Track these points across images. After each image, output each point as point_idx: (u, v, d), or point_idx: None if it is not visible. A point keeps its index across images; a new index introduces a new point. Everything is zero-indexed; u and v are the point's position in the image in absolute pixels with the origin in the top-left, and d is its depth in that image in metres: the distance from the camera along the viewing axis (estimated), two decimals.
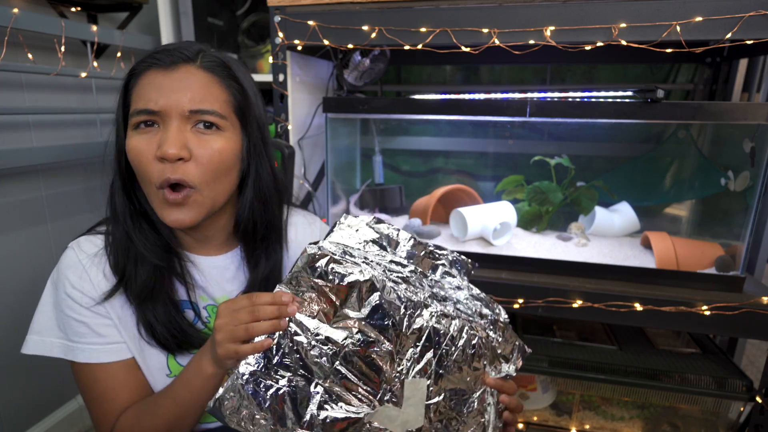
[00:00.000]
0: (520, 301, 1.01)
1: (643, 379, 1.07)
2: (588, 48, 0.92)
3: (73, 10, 1.42)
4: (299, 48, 1.08)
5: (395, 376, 0.57)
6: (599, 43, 0.91)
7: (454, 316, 0.60)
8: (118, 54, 1.41)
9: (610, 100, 1.00)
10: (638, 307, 0.95)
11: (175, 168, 0.59)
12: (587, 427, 1.16)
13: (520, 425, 1.19)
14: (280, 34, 1.05)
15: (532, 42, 0.93)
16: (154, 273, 0.65)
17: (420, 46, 0.98)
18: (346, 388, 0.54)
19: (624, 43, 0.89)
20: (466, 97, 1.09)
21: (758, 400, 0.98)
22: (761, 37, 0.84)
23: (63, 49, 1.21)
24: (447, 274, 0.71)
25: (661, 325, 0.96)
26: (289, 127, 1.13)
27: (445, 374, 0.60)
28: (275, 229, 0.73)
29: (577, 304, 0.98)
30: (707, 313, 0.92)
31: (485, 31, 0.94)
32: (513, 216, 1.21)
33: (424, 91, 1.61)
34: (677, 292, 0.96)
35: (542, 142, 1.37)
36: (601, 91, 1.14)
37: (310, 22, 1.02)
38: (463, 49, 0.97)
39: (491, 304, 0.70)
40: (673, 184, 1.27)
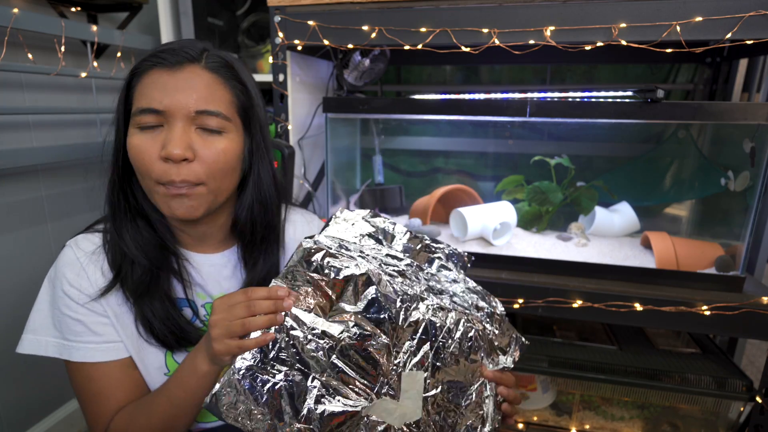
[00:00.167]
0: (520, 301, 1.01)
1: (643, 379, 1.07)
2: (588, 48, 0.92)
3: (73, 10, 1.42)
4: (299, 48, 1.08)
5: (392, 369, 0.57)
6: (599, 43, 0.91)
7: (450, 309, 0.60)
8: (118, 54, 1.41)
9: (610, 100, 1.00)
10: (638, 307, 0.95)
11: (180, 169, 0.59)
12: (587, 427, 1.16)
13: (520, 425, 1.19)
14: (280, 34, 1.05)
15: (532, 42, 0.93)
16: (149, 270, 0.65)
17: (420, 46, 0.98)
18: (343, 382, 0.54)
19: (624, 43, 0.89)
20: (466, 97, 1.09)
21: (758, 400, 0.98)
22: (761, 37, 0.84)
23: (63, 49, 1.21)
24: (443, 268, 0.71)
25: (661, 325, 0.96)
26: (289, 127, 1.13)
27: (443, 367, 0.60)
28: (273, 230, 0.73)
29: (577, 304, 0.98)
30: (707, 313, 0.92)
31: (485, 31, 0.94)
32: (513, 216, 1.21)
33: (424, 91, 1.61)
34: (677, 292, 0.96)
35: (542, 142, 1.37)
36: (601, 91, 1.14)
37: (310, 22, 1.02)
38: (463, 49, 0.97)
39: (487, 297, 0.70)
40: (673, 184, 1.27)
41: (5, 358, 1.29)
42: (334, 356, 0.54)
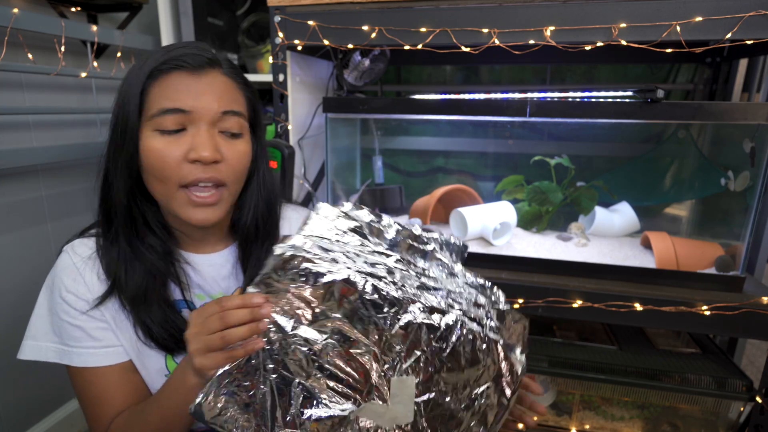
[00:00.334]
0: (520, 301, 1.01)
1: (643, 379, 1.07)
2: (588, 48, 0.92)
3: (73, 10, 1.43)
4: (299, 48, 1.08)
5: (381, 375, 0.55)
6: (599, 43, 0.91)
7: (445, 310, 0.57)
8: (118, 54, 1.41)
9: (610, 100, 1.00)
10: (638, 307, 0.95)
11: (206, 169, 0.61)
12: (587, 427, 1.16)
13: (520, 425, 1.19)
14: (280, 34, 1.05)
15: (532, 42, 0.93)
16: (146, 276, 0.64)
17: (420, 46, 0.98)
18: (329, 387, 0.53)
19: (624, 43, 0.89)
20: (466, 97, 1.09)
21: (758, 400, 0.98)
22: (761, 37, 0.84)
23: (63, 49, 1.21)
24: (437, 261, 0.66)
25: (661, 325, 0.96)
26: (289, 127, 1.13)
27: (437, 372, 0.57)
28: (274, 228, 0.74)
29: (577, 304, 0.98)
30: (707, 313, 0.92)
31: (485, 31, 0.94)
32: (513, 216, 1.21)
33: (424, 91, 1.61)
34: (677, 292, 0.96)
35: (542, 142, 1.37)
36: (601, 91, 1.14)
37: (310, 22, 1.02)
38: (463, 49, 0.97)
39: (488, 290, 0.66)
40: (673, 184, 1.27)
41: (5, 359, 1.29)
42: (319, 363, 0.52)
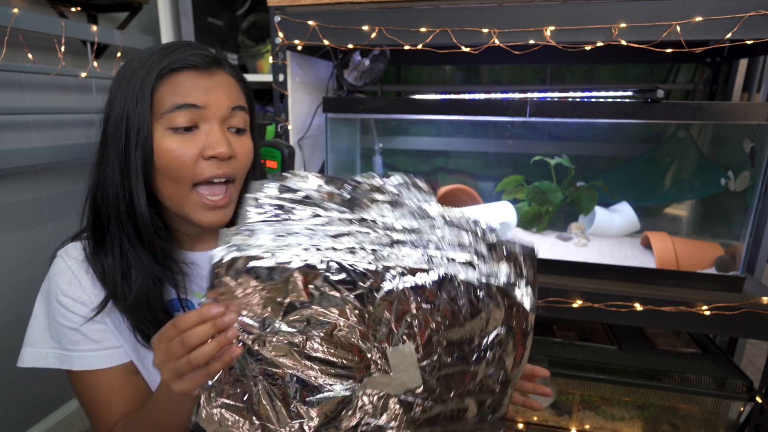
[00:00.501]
0: None
1: (643, 379, 1.07)
2: (588, 48, 0.92)
3: (73, 10, 1.43)
4: (299, 48, 1.08)
5: (375, 349, 0.51)
6: (599, 43, 0.91)
7: (428, 268, 0.51)
8: (118, 54, 1.41)
9: (610, 100, 1.00)
10: (638, 307, 0.95)
11: (221, 165, 0.62)
12: (587, 427, 1.16)
13: (520, 425, 1.19)
14: (280, 34, 1.05)
15: (532, 42, 0.93)
16: (145, 283, 0.63)
17: (420, 46, 0.98)
18: (324, 373, 0.51)
19: (624, 43, 0.89)
20: (466, 97, 1.09)
21: (758, 400, 0.98)
22: (761, 37, 0.84)
23: (63, 49, 1.21)
24: (407, 207, 0.58)
25: (661, 325, 0.96)
26: (289, 127, 1.13)
27: (436, 332, 0.53)
28: None
29: (577, 304, 0.98)
30: (707, 313, 0.92)
31: (485, 31, 0.94)
32: (513, 216, 1.21)
33: (424, 91, 1.61)
34: (677, 292, 0.96)
35: (542, 142, 1.37)
36: (601, 91, 1.14)
37: (310, 22, 1.02)
38: (463, 49, 0.97)
39: (473, 224, 0.58)
40: (673, 184, 1.27)
41: (5, 358, 1.29)
42: (304, 353, 0.50)
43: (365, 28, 1.00)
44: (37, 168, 1.35)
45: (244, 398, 0.50)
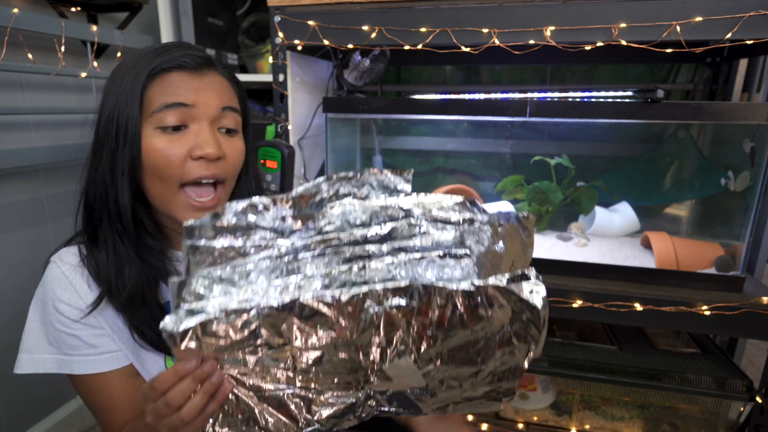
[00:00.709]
0: None
1: (643, 379, 1.07)
2: (588, 48, 0.92)
3: (73, 10, 1.42)
4: (299, 48, 1.08)
5: (371, 368, 0.49)
6: (599, 43, 0.91)
7: (408, 285, 0.45)
8: (118, 54, 1.41)
9: (610, 100, 1.00)
10: (638, 307, 0.95)
11: (209, 166, 0.62)
12: (587, 427, 1.16)
13: (520, 425, 1.19)
14: (280, 34, 1.05)
15: (532, 42, 0.93)
16: (139, 279, 0.64)
17: (420, 46, 0.98)
18: (321, 392, 0.50)
19: (624, 43, 0.89)
20: (466, 97, 1.09)
21: (758, 400, 0.98)
22: (761, 37, 0.84)
23: (63, 49, 1.21)
24: (373, 209, 0.49)
25: (661, 325, 0.95)
26: (289, 127, 1.13)
27: (434, 342, 0.49)
28: None
29: (577, 304, 0.98)
30: (707, 313, 0.92)
31: (485, 31, 0.94)
32: None
33: (424, 91, 1.60)
34: (677, 292, 0.96)
35: (542, 142, 1.37)
36: (601, 91, 1.14)
37: (310, 22, 1.02)
38: (463, 49, 0.97)
39: (462, 209, 0.50)
40: (673, 184, 1.27)
41: (5, 358, 1.29)
42: (298, 379, 0.48)
43: (365, 28, 1.00)
44: (36, 168, 1.35)
45: (249, 423, 0.49)
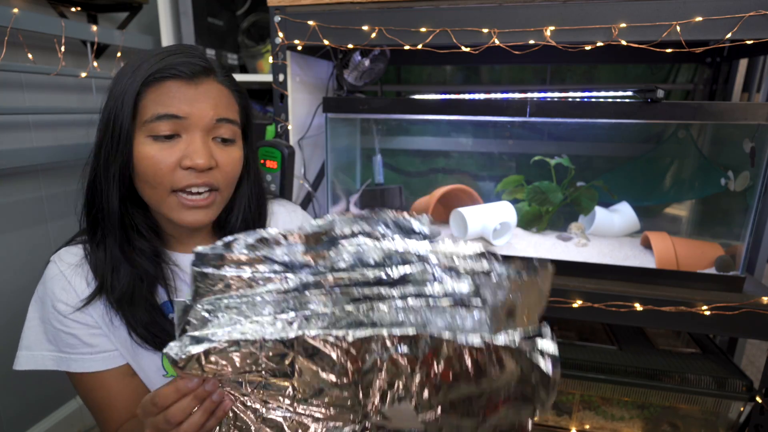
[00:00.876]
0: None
1: (643, 379, 1.07)
2: (588, 48, 0.92)
3: (73, 10, 1.42)
4: (299, 48, 1.08)
5: (368, 405, 0.49)
6: (599, 43, 0.91)
7: (416, 334, 0.44)
8: (118, 54, 1.41)
9: (610, 100, 1.00)
10: (638, 307, 0.95)
11: (200, 175, 0.61)
12: (587, 427, 1.16)
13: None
14: (280, 34, 1.05)
15: (532, 42, 0.93)
16: (133, 277, 0.64)
17: (420, 46, 0.98)
18: (319, 420, 0.50)
19: (624, 43, 0.89)
20: (466, 97, 1.09)
21: (758, 400, 0.98)
22: (761, 37, 0.84)
23: (63, 49, 1.21)
24: (390, 251, 0.49)
25: (661, 325, 0.96)
26: (289, 127, 1.13)
27: (435, 394, 0.48)
28: (262, 227, 0.75)
29: (577, 304, 0.98)
30: (707, 313, 0.92)
31: (485, 31, 0.94)
32: (513, 216, 1.21)
33: (424, 91, 1.60)
34: (677, 292, 0.96)
35: (542, 142, 1.37)
36: (601, 91, 1.14)
37: (310, 22, 1.02)
38: (463, 49, 0.97)
39: (477, 259, 0.50)
40: (673, 184, 1.27)
41: (5, 358, 1.29)
42: (296, 407, 0.48)
43: (365, 28, 1.00)
44: (37, 168, 1.35)
45: None
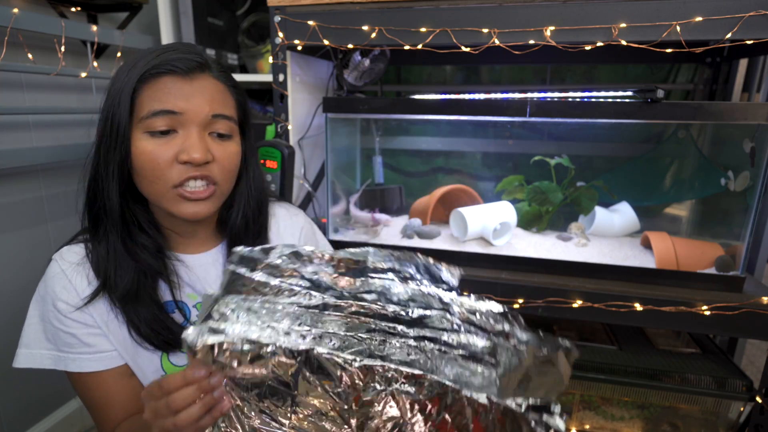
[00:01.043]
0: (520, 301, 1.01)
1: (643, 379, 1.07)
2: (588, 48, 0.92)
3: (73, 10, 1.42)
4: (299, 48, 1.08)
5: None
6: (599, 43, 0.91)
7: (424, 376, 0.44)
8: (118, 54, 1.41)
9: (610, 100, 1.00)
10: (638, 307, 0.95)
11: (197, 169, 0.62)
12: (587, 427, 1.16)
13: None
14: (280, 34, 1.05)
15: (532, 42, 0.93)
16: (137, 274, 0.65)
17: (420, 46, 0.98)
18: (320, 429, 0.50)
19: (624, 43, 0.89)
20: (466, 97, 1.09)
21: (758, 400, 0.98)
22: (761, 37, 0.84)
23: (63, 49, 1.21)
24: (416, 293, 0.50)
25: (661, 325, 0.96)
26: (289, 127, 1.13)
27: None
28: (263, 227, 0.75)
29: (577, 304, 0.98)
30: (707, 313, 0.92)
31: (485, 31, 0.94)
32: (513, 216, 1.21)
33: (424, 91, 1.61)
34: (677, 292, 0.96)
35: (542, 142, 1.37)
36: (601, 91, 1.14)
37: (310, 22, 1.02)
38: (463, 49, 0.97)
39: (498, 318, 0.48)
40: (673, 184, 1.27)
41: (5, 358, 1.29)
42: (290, 418, 0.49)
43: (365, 28, 1.00)
44: (37, 168, 1.35)
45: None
